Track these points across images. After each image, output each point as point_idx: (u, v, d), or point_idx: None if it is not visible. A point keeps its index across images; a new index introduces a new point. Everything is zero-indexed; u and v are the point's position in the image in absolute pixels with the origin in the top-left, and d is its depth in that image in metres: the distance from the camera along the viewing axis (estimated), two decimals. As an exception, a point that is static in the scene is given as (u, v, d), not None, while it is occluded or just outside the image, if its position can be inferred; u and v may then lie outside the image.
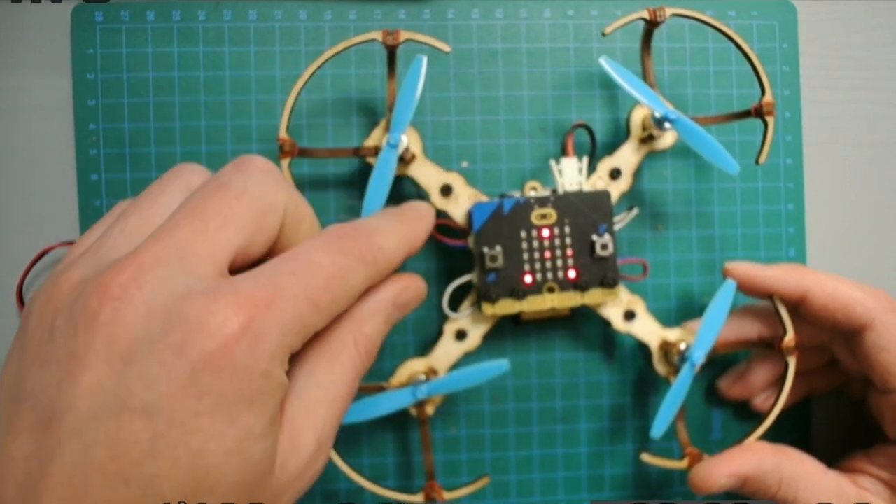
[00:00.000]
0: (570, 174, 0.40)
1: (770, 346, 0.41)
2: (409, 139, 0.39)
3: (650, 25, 0.41)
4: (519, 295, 0.39)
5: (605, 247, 0.39)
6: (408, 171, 0.40)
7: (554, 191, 0.40)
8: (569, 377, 0.45)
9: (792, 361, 0.40)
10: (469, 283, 0.41)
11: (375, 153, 0.39)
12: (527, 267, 0.39)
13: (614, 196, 0.41)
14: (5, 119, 0.44)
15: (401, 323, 0.42)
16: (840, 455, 0.42)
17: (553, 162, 0.40)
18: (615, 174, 0.41)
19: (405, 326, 0.44)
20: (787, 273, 0.40)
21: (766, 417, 0.41)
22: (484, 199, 0.40)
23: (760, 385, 0.44)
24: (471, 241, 0.40)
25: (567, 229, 0.39)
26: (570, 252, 0.39)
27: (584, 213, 0.39)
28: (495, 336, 0.44)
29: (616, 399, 0.46)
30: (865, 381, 0.41)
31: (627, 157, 0.42)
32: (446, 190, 0.40)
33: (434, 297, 0.42)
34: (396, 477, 0.45)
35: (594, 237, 0.39)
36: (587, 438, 0.46)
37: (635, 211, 0.42)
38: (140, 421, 0.24)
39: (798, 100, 0.47)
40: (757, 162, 0.41)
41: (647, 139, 0.41)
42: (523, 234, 0.39)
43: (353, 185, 0.44)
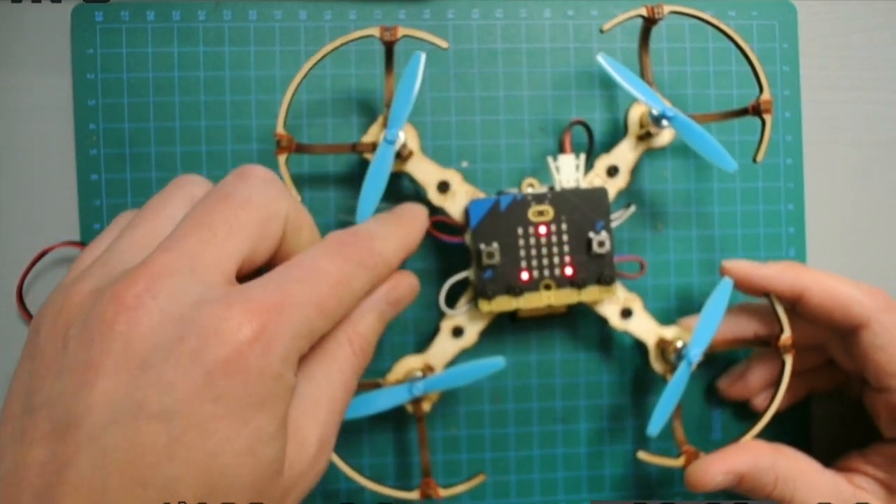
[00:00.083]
0: (568, 171, 0.40)
1: (767, 345, 0.41)
2: (407, 136, 0.39)
3: (648, 23, 0.41)
4: (515, 292, 0.39)
5: (601, 244, 0.39)
6: (405, 168, 0.40)
7: (551, 188, 0.40)
8: (569, 377, 0.45)
9: (788, 360, 0.40)
10: (466, 280, 0.41)
11: (373, 149, 0.39)
12: (523, 264, 0.39)
13: (611, 193, 0.41)
14: (5, 119, 0.44)
15: (399, 321, 0.42)
16: (840, 454, 0.42)
17: (550, 159, 0.40)
18: (612, 171, 0.41)
19: (404, 325, 0.44)
20: (784, 271, 0.40)
21: (762, 415, 0.41)
22: (481, 195, 0.40)
23: (760, 385, 0.44)
24: (468, 237, 0.40)
25: (564, 226, 0.39)
26: (566, 249, 0.39)
27: (581, 210, 0.39)
28: (495, 336, 0.44)
29: (616, 399, 0.46)
30: (863, 379, 0.41)
31: (625, 154, 0.42)
32: (443, 186, 0.40)
33: (431, 294, 0.42)
34: (396, 477, 0.45)
35: (591, 234, 0.39)
36: (587, 438, 0.46)
37: (633, 208, 0.42)
38: (157, 425, 0.25)
39: (798, 100, 0.47)
40: (755, 160, 0.41)
41: (645, 136, 0.41)
42: (520, 231, 0.39)
43: (353, 185, 0.44)
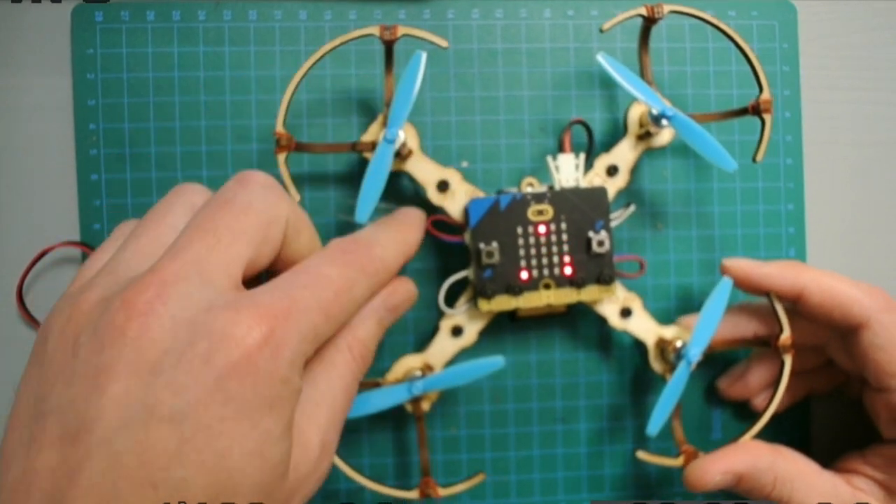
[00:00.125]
0: (567, 170, 0.40)
1: (767, 345, 0.41)
2: (407, 135, 0.39)
3: (648, 22, 0.41)
4: (515, 291, 0.39)
5: (601, 243, 0.39)
6: (405, 167, 0.40)
7: (551, 187, 0.40)
8: (569, 377, 0.45)
9: (788, 359, 0.40)
10: (465, 279, 0.41)
11: (372, 149, 0.39)
12: (523, 263, 0.39)
13: (611, 193, 0.41)
14: (5, 119, 0.44)
15: (399, 321, 0.42)
16: (840, 455, 0.42)
17: (550, 158, 0.40)
18: (612, 171, 0.41)
19: (403, 324, 0.44)
20: (784, 270, 0.40)
21: (762, 415, 0.41)
22: (480, 194, 0.40)
23: (760, 385, 0.44)
24: (467, 237, 0.40)
25: (563, 226, 0.39)
26: (566, 248, 0.39)
27: (581, 209, 0.39)
28: (494, 335, 0.44)
29: (616, 399, 0.46)
30: (862, 380, 0.41)
31: (624, 153, 0.42)
32: (443, 186, 0.40)
33: (430, 293, 0.42)
34: (396, 476, 0.45)
35: (590, 234, 0.39)
36: (587, 438, 0.46)
37: (632, 208, 0.42)
38: (168, 427, 0.25)
39: (798, 100, 0.47)
40: (754, 160, 0.41)
41: (645, 136, 0.41)
42: (520, 231, 0.39)
43: (353, 184, 0.44)
